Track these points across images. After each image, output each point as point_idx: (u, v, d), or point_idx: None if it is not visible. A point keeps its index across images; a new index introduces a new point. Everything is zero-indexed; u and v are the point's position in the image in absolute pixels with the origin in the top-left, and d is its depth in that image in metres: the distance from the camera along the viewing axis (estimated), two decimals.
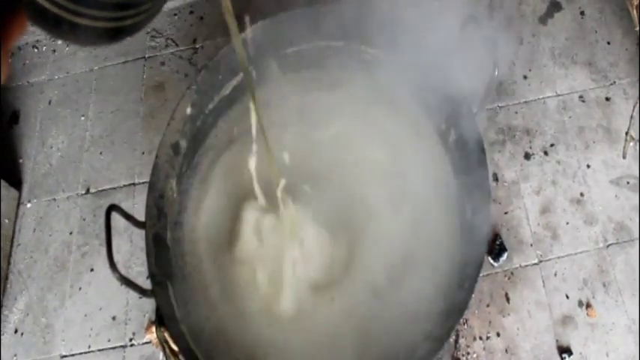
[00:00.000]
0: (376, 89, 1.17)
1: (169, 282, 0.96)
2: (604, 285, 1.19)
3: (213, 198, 1.04)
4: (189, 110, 1.01)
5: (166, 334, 0.99)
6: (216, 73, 1.05)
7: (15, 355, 1.22)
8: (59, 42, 1.68)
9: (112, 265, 0.74)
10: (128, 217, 0.86)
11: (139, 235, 1.25)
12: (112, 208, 0.80)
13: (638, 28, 1.44)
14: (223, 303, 1.00)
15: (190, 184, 1.06)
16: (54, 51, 1.65)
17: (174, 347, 1.03)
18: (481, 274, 1.22)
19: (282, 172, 0.92)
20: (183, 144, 1.01)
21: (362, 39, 1.11)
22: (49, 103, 1.54)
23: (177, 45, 1.62)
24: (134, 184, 1.37)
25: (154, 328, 1.03)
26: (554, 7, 1.62)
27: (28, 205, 1.39)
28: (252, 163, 0.90)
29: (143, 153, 1.41)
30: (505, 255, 1.21)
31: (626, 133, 1.37)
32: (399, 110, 1.18)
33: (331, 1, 1.13)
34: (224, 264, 0.99)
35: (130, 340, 1.18)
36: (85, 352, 1.18)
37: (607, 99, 1.43)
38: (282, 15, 1.05)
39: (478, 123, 0.99)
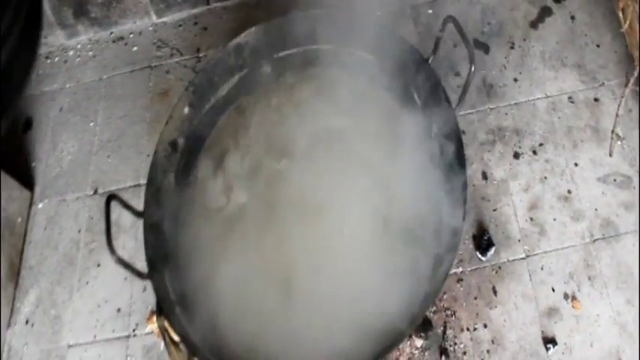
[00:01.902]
0: (361, 88, 1.25)
1: (165, 268, 1.03)
2: (589, 278, 1.24)
3: (211, 193, 1.13)
4: (186, 110, 1.11)
5: (166, 322, 1.07)
6: (213, 75, 1.15)
7: (26, 344, 1.31)
8: (70, 53, 1.80)
9: (111, 248, 0.82)
10: (127, 206, 0.95)
11: None
12: (112, 197, 0.89)
13: (623, 30, 1.50)
14: (218, 291, 1.06)
15: (188, 179, 1.15)
16: (65, 61, 1.77)
17: (174, 336, 1.11)
18: (469, 269, 1.29)
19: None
20: (181, 141, 1.10)
21: (352, 42, 1.20)
22: (60, 110, 1.65)
23: (181, 54, 1.73)
24: (140, 185, 1.46)
25: (154, 318, 1.11)
26: (545, 12, 1.69)
27: (40, 205, 1.49)
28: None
29: (148, 156, 1.50)
30: (493, 250, 1.27)
31: (612, 132, 1.42)
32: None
33: (322, 6, 1.23)
34: (219, 252, 1.06)
35: (134, 330, 1.27)
36: (91, 342, 1.27)
37: (595, 100, 1.49)
38: (276, 20, 1.14)
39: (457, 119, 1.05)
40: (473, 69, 1.02)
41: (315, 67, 1.26)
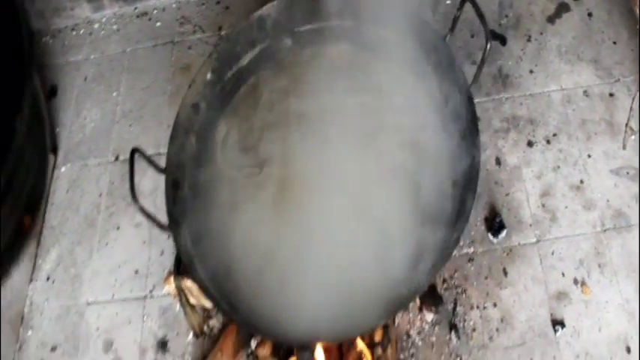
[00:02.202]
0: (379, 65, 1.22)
1: (184, 223, 1.00)
2: (599, 266, 1.21)
3: (229, 156, 1.10)
4: (209, 76, 1.09)
5: (182, 283, 1.05)
6: (235, 45, 1.13)
7: (46, 299, 1.30)
8: (95, 26, 1.78)
9: (134, 197, 0.80)
10: (150, 161, 0.93)
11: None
12: (135, 151, 0.88)
13: (638, 26, 1.47)
14: (236, 244, 1.03)
15: (207, 142, 1.13)
16: (90, 34, 1.75)
17: (190, 298, 1.09)
18: (480, 249, 1.26)
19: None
20: (203, 105, 1.08)
21: (372, 19, 1.17)
22: (85, 79, 1.63)
23: (203, 32, 1.70)
24: (160, 153, 1.43)
25: (172, 279, 1.09)
26: (563, 8, 1.66)
27: (63, 169, 1.47)
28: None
29: (169, 127, 1.47)
30: (504, 232, 1.25)
31: (626, 125, 1.39)
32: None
33: None
34: (235, 211, 1.04)
35: (150, 292, 1.25)
36: (109, 301, 1.26)
37: (611, 95, 1.46)
38: None
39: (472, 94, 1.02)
40: (489, 46, 0.99)
41: (335, 43, 1.24)
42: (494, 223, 1.25)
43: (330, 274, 0.95)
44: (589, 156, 1.37)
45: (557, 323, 1.14)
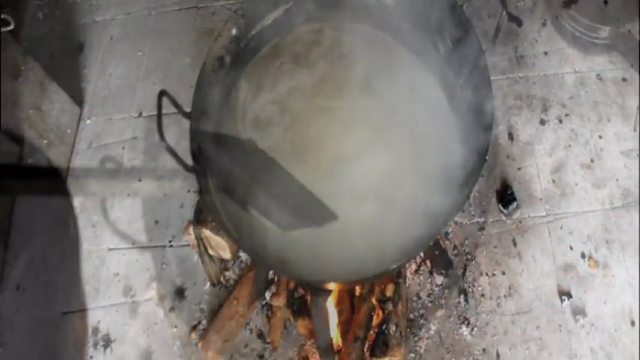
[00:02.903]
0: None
1: (207, 167, 0.92)
2: (607, 242, 1.13)
3: (247, 116, 1.02)
4: (234, 31, 1.00)
5: (202, 232, 0.97)
6: (260, 4, 1.04)
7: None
8: None
9: (161, 135, 0.72)
10: (176, 105, 0.85)
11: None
12: (163, 93, 0.79)
13: None
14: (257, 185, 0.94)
15: (229, 97, 1.04)
16: None
17: (210, 249, 1.01)
18: (491, 220, 1.18)
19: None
20: (228, 59, 0.99)
21: None
22: (111, 38, 1.53)
23: None
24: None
25: (191, 229, 1.01)
26: None
27: (88, 122, 1.37)
28: None
29: (191, 87, 1.37)
30: (515, 204, 1.16)
31: (638, 108, 1.29)
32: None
33: None
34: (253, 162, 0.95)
35: (170, 242, 1.17)
36: (130, 247, 1.18)
37: (624, 79, 1.36)
38: None
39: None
40: (504, 13, 0.89)
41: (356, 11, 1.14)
42: (506, 195, 1.17)
43: (350, 221, 0.87)
44: (600, 137, 1.28)
45: (564, 294, 1.06)
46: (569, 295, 1.06)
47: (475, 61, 0.92)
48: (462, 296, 1.05)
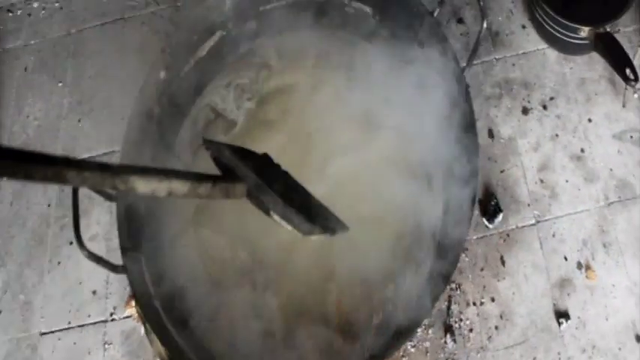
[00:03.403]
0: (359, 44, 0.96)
1: (143, 255, 0.80)
2: (604, 245, 1.01)
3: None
4: (163, 74, 0.81)
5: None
6: (191, 34, 0.84)
7: None
8: (35, 5, 1.43)
9: (80, 242, 0.61)
10: (98, 190, 0.69)
11: None
12: (77, 189, 0.64)
13: None
14: (201, 275, 0.83)
15: (166, 155, 0.87)
16: (29, 15, 1.41)
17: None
18: (475, 237, 1.05)
19: None
20: (157, 111, 0.81)
21: None
22: (25, 69, 1.32)
23: (157, 4, 1.37)
24: (114, 151, 1.17)
25: (133, 302, 0.88)
26: None
27: (5, 179, 1.19)
28: None
29: (123, 119, 1.20)
30: (500, 216, 1.03)
31: (625, 81, 1.13)
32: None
33: None
34: (201, 234, 0.82)
35: (111, 314, 1.02)
36: (66, 329, 1.03)
37: None
38: None
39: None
40: (485, 25, 0.77)
41: (311, 21, 0.95)
42: (489, 207, 1.03)
43: None
44: (589, 120, 1.13)
45: (561, 315, 0.95)
46: (567, 317, 0.95)
47: (451, 71, 0.79)
48: (447, 335, 0.94)
